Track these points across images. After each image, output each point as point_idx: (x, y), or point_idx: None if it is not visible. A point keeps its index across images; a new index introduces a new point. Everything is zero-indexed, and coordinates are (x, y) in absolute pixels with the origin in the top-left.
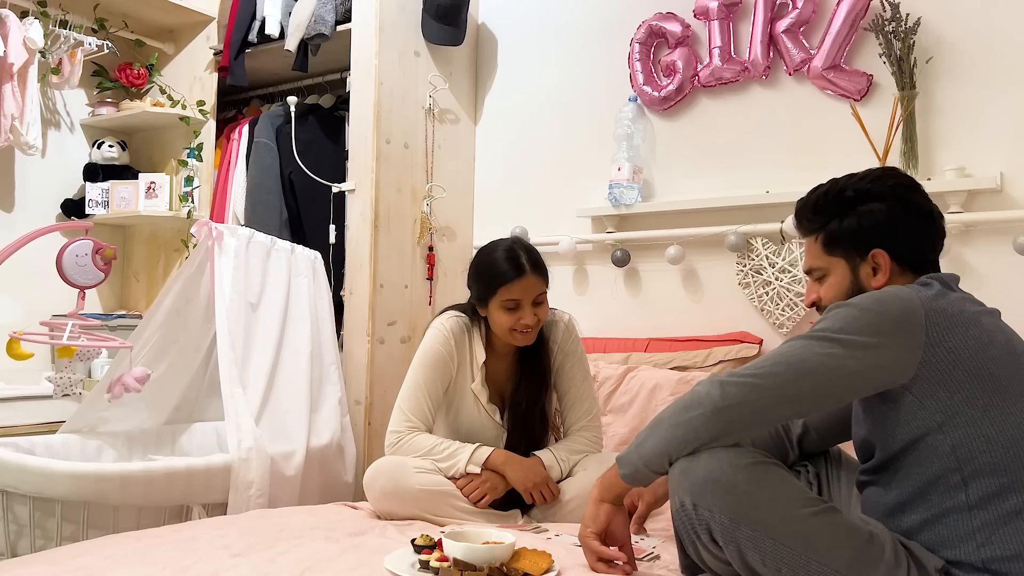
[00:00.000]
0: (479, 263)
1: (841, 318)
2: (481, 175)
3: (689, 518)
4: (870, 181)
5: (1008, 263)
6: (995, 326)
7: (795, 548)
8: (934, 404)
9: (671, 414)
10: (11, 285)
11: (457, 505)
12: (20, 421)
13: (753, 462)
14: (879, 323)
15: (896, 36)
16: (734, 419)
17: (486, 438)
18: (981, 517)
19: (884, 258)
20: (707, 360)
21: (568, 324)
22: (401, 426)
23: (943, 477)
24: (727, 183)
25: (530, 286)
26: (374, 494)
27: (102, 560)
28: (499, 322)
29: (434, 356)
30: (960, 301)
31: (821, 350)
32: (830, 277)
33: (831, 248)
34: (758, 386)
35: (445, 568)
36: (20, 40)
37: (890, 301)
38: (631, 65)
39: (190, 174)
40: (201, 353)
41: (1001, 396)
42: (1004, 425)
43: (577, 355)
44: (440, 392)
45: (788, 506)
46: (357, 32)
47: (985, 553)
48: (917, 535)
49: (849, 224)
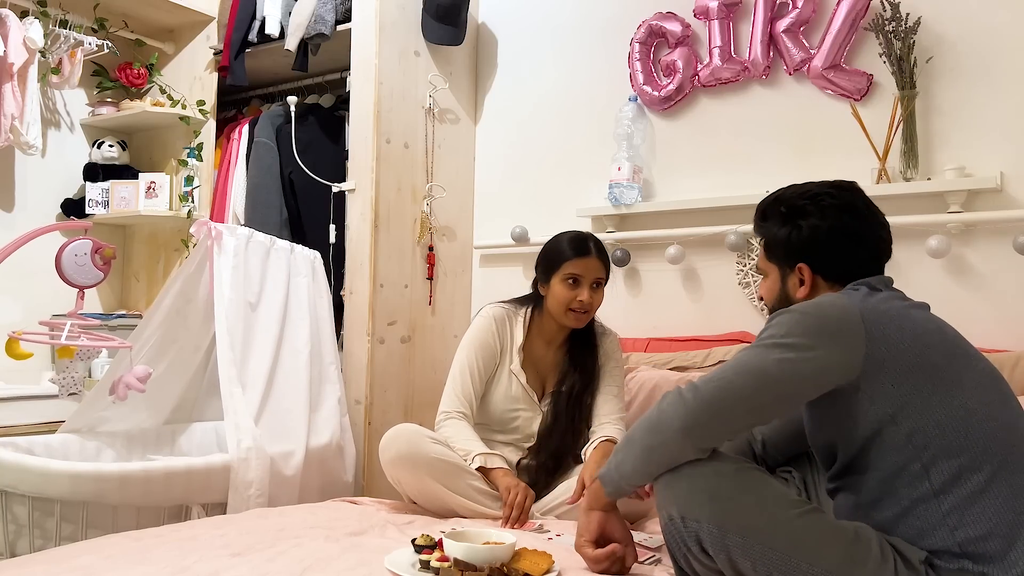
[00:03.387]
0: (549, 243)
1: (786, 324)
2: (481, 175)
3: (678, 530)
4: (808, 197)
5: (1008, 263)
6: (925, 317)
7: (784, 551)
8: (883, 398)
9: (641, 435)
10: (11, 285)
11: (470, 482)
12: (19, 421)
13: (736, 469)
14: (821, 326)
15: (896, 36)
16: (704, 435)
17: (518, 419)
18: (948, 502)
19: (807, 272)
20: (707, 360)
21: (615, 337)
22: (448, 406)
23: (905, 468)
24: (727, 183)
25: (592, 266)
26: (389, 457)
27: (101, 560)
28: (558, 297)
29: (477, 338)
30: (888, 299)
31: (776, 356)
32: (767, 280)
33: (768, 254)
34: (723, 399)
35: (445, 568)
36: (20, 40)
37: (826, 305)
38: (631, 65)
39: (190, 174)
40: (201, 353)
41: (943, 382)
42: (951, 408)
43: (618, 360)
44: (484, 371)
45: (774, 510)
46: (357, 32)
47: (959, 536)
48: (895, 531)
49: (782, 235)
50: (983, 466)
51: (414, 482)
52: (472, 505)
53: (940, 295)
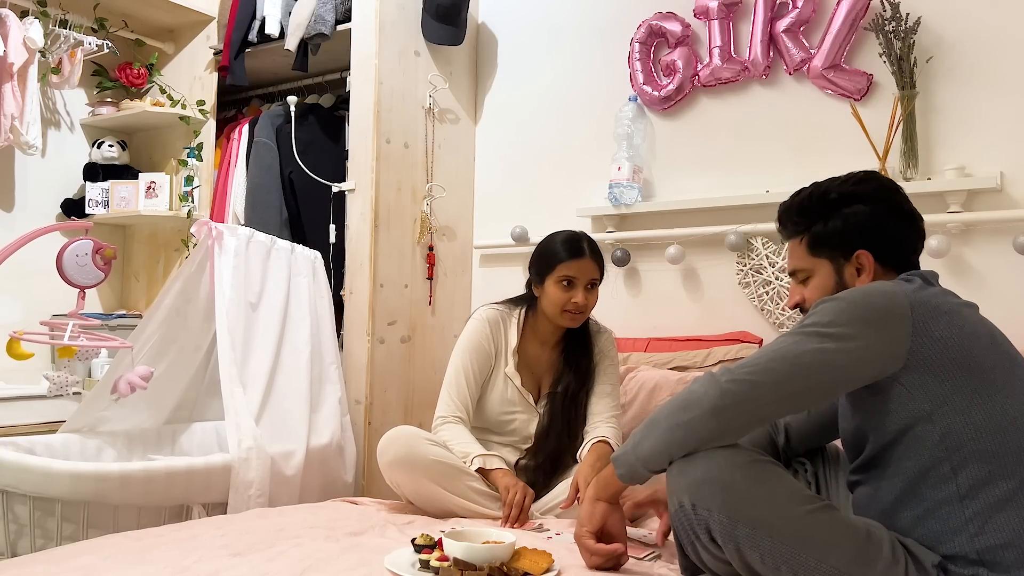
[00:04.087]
0: (542, 244)
1: (829, 312)
2: (481, 175)
3: (688, 518)
4: (854, 183)
5: (1008, 263)
6: (976, 317)
7: (793, 546)
8: (923, 393)
9: (668, 414)
10: (11, 285)
11: (468, 484)
12: (20, 421)
13: (750, 460)
14: (866, 315)
15: (896, 36)
16: (733, 418)
17: (515, 422)
18: (972, 507)
19: (868, 258)
20: (707, 360)
21: (610, 335)
22: (444, 410)
23: (933, 468)
24: (727, 183)
25: (587, 268)
26: (387, 460)
27: (102, 560)
28: (553, 298)
29: (471, 341)
30: (942, 294)
31: (815, 345)
32: (814, 279)
33: (816, 250)
34: (756, 384)
35: (445, 568)
36: (20, 40)
37: (875, 294)
38: (631, 64)
39: (190, 174)
40: (201, 353)
41: (987, 384)
42: (991, 412)
43: (613, 359)
44: (480, 374)
45: (786, 504)
46: (357, 32)
47: (979, 543)
48: (912, 532)
49: (834, 226)
50: (1013, 475)
51: (413, 484)
52: (471, 506)
53: None
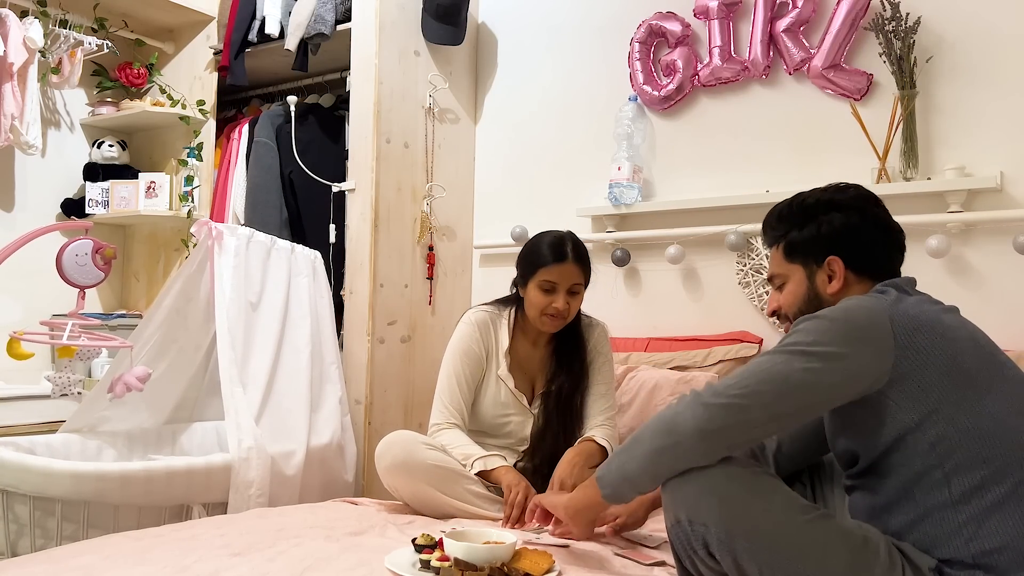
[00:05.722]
0: (528, 245)
1: (812, 331)
2: (481, 175)
3: (685, 533)
4: (832, 192)
5: (1008, 263)
6: (957, 322)
7: (791, 556)
8: (910, 404)
9: (652, 435)
10: (11, 285)
11: (467, 487)
12: (20, 421)
13: (745, 473)
14: (849, 332)
15: (896, 35)
16: (722, 441)
17: (509, 424)
18: (966, 512)
19: (839, 265)
20: (707, 360)
21: (603, 329)
22: (439, 418)
23: (926, 474)
24: (727, 183)
25: (568, 273)
26: (385, 465)
27: (102, 559)
28: (533, 302)
29: (461, 346)
30: (919, 303)
31: (802, 365)
32: (788, 284)
33: (791, 256)
34: (745, 407)
35: (446, 568)
36: (20, 40)
37: (855, 310)
38: (631, 64)
39: (190, 174)
40: (201, 352)
41: (974, 389)
42: (980, 416)
43: (607, 356)
44: (472, 379)
45: (782, 514)
46: (357, 32)
47: (974, 548)
48: (907, 536)
49: (808, 232)
50: (1006, 478)
51: (411, 489)
52: (470, 509)
53: (940, 295)
